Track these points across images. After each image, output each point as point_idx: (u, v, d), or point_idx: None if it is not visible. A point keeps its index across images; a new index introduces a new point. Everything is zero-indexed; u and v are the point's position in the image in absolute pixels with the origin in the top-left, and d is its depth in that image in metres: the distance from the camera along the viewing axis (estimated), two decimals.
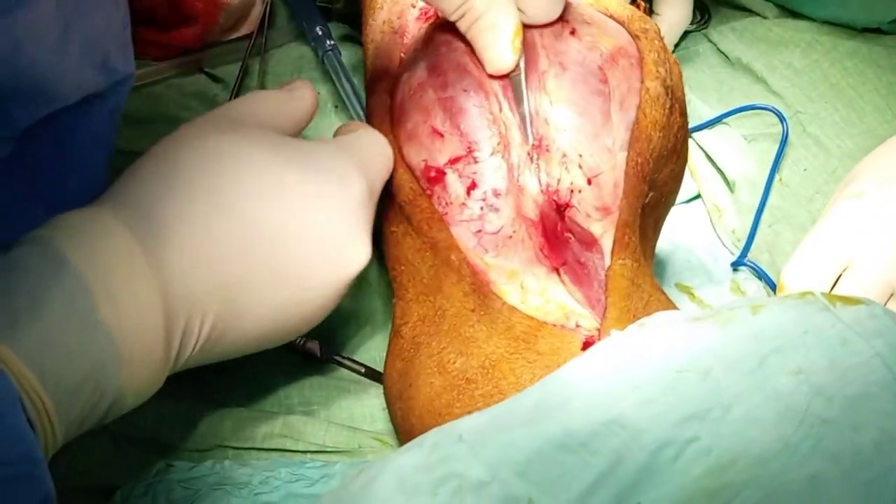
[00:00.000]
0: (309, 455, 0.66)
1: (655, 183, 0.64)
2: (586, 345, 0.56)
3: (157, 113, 0.87)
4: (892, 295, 0.71)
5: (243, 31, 0.93)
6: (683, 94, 0.67)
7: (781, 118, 0.89)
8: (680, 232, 0.86)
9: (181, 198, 0.55)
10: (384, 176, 0.63)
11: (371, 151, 0.63)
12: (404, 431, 0.63)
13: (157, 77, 0.90)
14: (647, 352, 0.49)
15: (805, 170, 0.87)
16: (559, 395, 0.48)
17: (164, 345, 0.52)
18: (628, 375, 0.48)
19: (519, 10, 0.61)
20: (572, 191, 0.60)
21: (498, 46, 0.60)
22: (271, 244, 0.56)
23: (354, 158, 0.61)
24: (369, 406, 0.71)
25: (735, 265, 0.83)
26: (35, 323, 0.47)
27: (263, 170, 0.57)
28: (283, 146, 0.59)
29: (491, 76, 0.61)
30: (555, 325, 0.58)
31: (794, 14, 0.98)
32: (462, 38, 0.63)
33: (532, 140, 0.60)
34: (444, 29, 0.65)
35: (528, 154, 0.60)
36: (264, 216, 0.56)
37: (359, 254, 0.60)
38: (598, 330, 0.57)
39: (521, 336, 0.57)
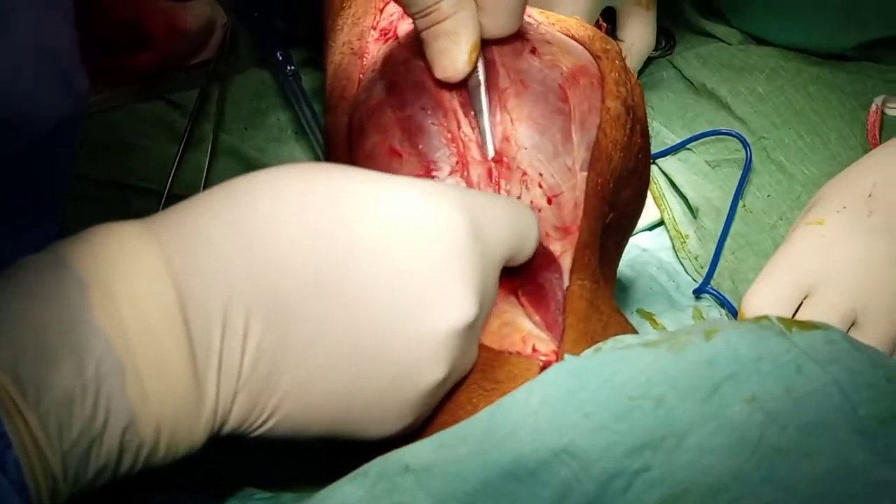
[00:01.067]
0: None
1: (616, 203, 0.63)
2: (544, 369, 0.55)
3: (114, 139, 0.87)
4: (853, 322, 0.71)
5: (203, 56, 0.93)
6: (645, 115, 0.67)
7: (745, 144, 0.89)
8: (643, 258, 0.86)
9: (218, 208, 0.48)
10: (512, 236, 0.54)
11: (498, 206, 0.55)
12: None
13: (115, 103, 0.90)
14: (599, 377, 0.48)
15: (769, 196, 0.87)
16: (509, 423, 0.47)
17: (188, 360, 0.44)
18: (579, 402, 0.47)
19: None
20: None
21: (453, 53, 0.59)
22: (341, 270, 0.48)
23: (462, 199, 0.52)
24: None
25: (697, 292, 0.83)
26: (12, 323, 0.41)
27: (332, 179, 0.50)
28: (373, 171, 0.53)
29: (442, 86, 0.60)
30: (511, 353, 0.56)
31: (759, 40, 0.98)
32: (421, 56, 0.62)
33: (492, 155, 0.59)
34: (402, 48, 0.64)
35: (488, 172, 0.59)
36: (331, 235, 0.48)
37: (457, 306, 0.50)
38: (556, 353, 0.56)
39: (477, 368, 0.56)
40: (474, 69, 0.60)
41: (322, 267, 0.47)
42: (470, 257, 0.50)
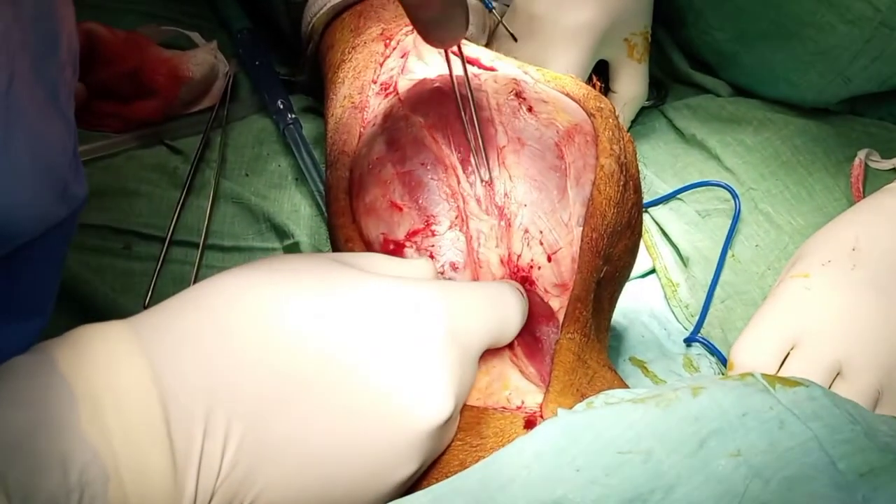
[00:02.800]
0: None
1: (610, 258, 0.65)
2: (528, 422, 0.56)
3: (116, 185, 0.88)
4: (838, 374, 0.72)
5: (205, 104, 0.94)
6: (638, 172, 0.68)
7: (734, 194, 0.91)
8: (635, 306, 0.87)
9: (203, 309, 0.49)
10: (491, 325, 0.56)
11: (483, 295, 0.56)
12: None
13: (116, 149, 0.91)
14: (589, 432, 0.50)
15: (757, 246, 0.89)
16: (502, 476, 0.48)
17: (169, 465, 0.45)
18: (571, 456, 0.49)
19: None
20: (532, 267, 0.60)
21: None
22: (319, 371, 0.49)
23: (440, 295, 0.54)
24: None
25: (688, 341, 0.84)
26: (2, 428, 0.43)
27: (310, 278, 0.52)
28: (351, 263, 0.55)
29: (441, 142, 0.62)
30: (496, 409, 0.57)
31: (747, 93, 1.00)
32: (419, 112, 0.64)
33: (486, 178, 0.61)
34: (402, 104, 0.66)
35: (490, 227, 0.61)
36: (309, 334, 0.49)
37: (432, 405, 0.51)
38: (541, 406, 0.58)
39: (464, 426, 0.56)
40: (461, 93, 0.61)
41: (300, 369, 0.49)
42: (447, 355, 0.52)
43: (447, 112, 0.64)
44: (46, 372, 0.45)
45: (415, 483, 0.55)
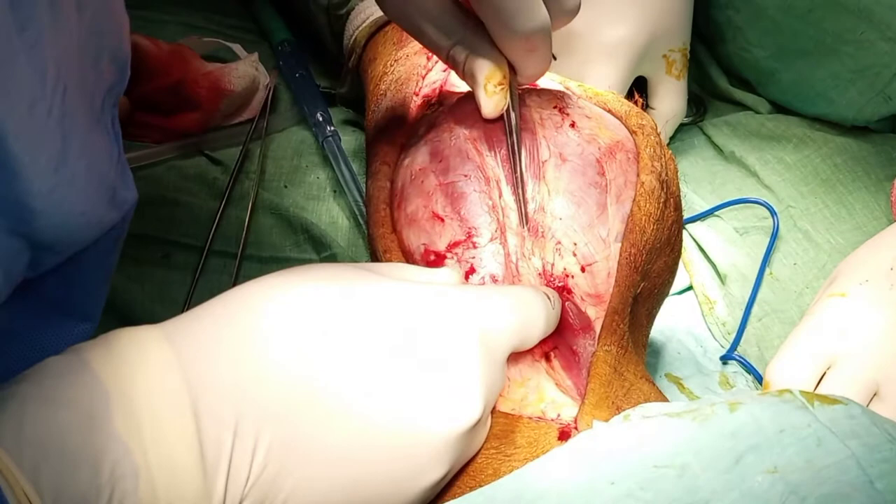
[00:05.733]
0: None
1: (649, 274, 0.65)
2: (562, 434, 0.56)
3: (157, 195, 0.88)
4: (875, 394, 0.72)
5: (245, 116, 0.95)
6: (679, 189, 0.68)
7: (772, 212, 0.90)
8: (671, 322, 0.87)
9: (232, 315, 0.50)
10: (516, 328, 0.56)
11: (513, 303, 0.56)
12: None
13: (157, 158, 0.91)
14: (624, 445, 0.50)
15: (795, 264, 0.88)
16: (535, 489, 0.48)
17: (199, 467, 0.46)
18: (605, 469, 0.48)
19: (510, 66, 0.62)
20: (567, 276, 0.61)
21: (477, 93, 0.62)
22: (346, 370, 0.50)
23: (466, 299, 0.55)
24: None
25: (724, 359, 0.84)
26: (36, 426, 0.43)
27: (335, 284, 0.52)
28: (377, 271, 0.56)
29: (485, 154, 0.62)
30: (530, 419, 0.57)
31: (787, 110, 0.99)
32: (464, 124, 0.64)
33: (526, 222, 0.61)
34: (446, 116, 0.67)
35: (522, 238, 0.61)
36: (336, 339, 0.50)
37: (461, 409, 0.51)
38: (575, 419, 0.58)
39: (497, 434, 0.57)
40: (507, 116, 0.63)
41: (328, 372, 0.49)
42: (475, 359, 0.52)
43: (491, 125, 0.64)
44: (80, 372, 0.46)
45: (444, 489, 0.55)
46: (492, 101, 0.62)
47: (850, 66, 0.90)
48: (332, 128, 0.94)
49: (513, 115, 0.63)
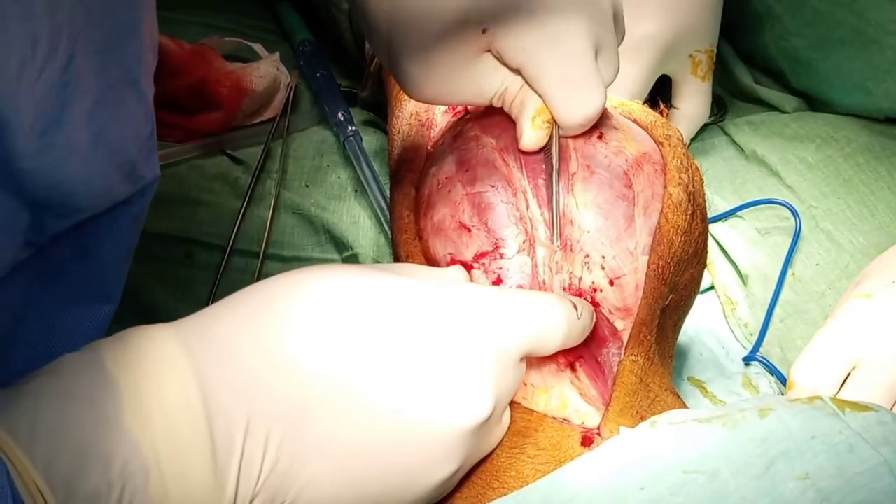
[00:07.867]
0: None
1: (676, 286, 0.64)
2: (585, 439, 0.56)
3: (179, 193, 0.89)
4: None
5: (266, 115, 0.96)
6: (705, 200, 0.68)
7: (794, 212, 0.90)
8: (694, 323, 0.86)
9: (245, 314, 0.51)
10: (530, 333, 0.55)
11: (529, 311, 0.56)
12: None
13: (179, 157, 0.92)
14: (654, 451, 0.50)
15: (817, 264, 0.88)
16: (565, 493, 0.48)
17: (210, 465, 0.46)
18: (635, 475, 0.49)
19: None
20: (595, 290, 0.60)
21: (521, 123, 0.62)
22: (358, 369, 0.50)
23: (479, 298, 0.55)
24: None
25: (747, 360, 0.84)
26: (50, 420, 0.44)
27: (349, 284, 0.53)
28: (387, 269, 0.56)
29: (512, 165, 0.62)
30: (554, 419, 0.57)
31: (813, 108, 0.99)
32: (491, 134, 0.64)
33: (557, 240, 0.61)
34: (473, 125, 0.66)
35: (552, 252, 0.61)
36: (347, 336, 0.51)
37: (471, 405, 0.51)
38: (599, 426, 0.57)
39: (520, 431, 0.57)
40: (547, 149, 0.62)
41: (338, 369, 0.49)
42: (485, 356, 0.52)
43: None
44: (94, 369, 0.46)
45: (464, 484, 0.55)
46: (536, 134, 0.61)
47: (890, 56, 0.89)
48: (354, 127, 0.95)
49: (553, 149, 0.62)
